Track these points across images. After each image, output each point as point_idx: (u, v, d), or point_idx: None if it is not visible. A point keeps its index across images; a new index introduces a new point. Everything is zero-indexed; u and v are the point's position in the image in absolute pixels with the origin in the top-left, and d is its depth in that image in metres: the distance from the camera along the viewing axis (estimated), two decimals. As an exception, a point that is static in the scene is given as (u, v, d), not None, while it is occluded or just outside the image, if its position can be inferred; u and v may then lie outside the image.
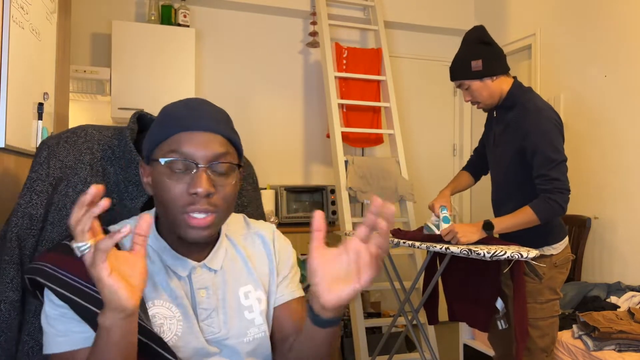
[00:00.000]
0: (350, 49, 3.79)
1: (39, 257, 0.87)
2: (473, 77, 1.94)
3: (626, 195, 2.91)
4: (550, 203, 1.79)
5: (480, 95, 1.97)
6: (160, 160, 0.85)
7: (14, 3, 1.54)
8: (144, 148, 0.92)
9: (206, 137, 0.86)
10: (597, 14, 3.13)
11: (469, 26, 4.23)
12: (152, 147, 0.89)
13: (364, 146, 3.95)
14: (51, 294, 0.82)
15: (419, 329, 2.54)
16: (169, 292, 0.90)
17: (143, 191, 1.02)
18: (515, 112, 1.93)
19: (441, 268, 2.14)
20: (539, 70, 3.56)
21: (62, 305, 0.82)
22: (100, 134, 1.10)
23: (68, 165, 1.04)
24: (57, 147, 1.05)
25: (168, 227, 0.90)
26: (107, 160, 1.08)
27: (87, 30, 3.49)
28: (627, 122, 2.92)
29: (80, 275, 0.82)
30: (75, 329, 0.82)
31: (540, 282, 1.91)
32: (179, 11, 3.49)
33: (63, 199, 1.02)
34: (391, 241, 2.20)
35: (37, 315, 0.94)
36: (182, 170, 0.85)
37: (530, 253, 1.73)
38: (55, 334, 0.82)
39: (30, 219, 0.99)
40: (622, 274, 2.89)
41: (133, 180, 1.04)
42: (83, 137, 1.08)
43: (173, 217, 0.85)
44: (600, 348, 2.15)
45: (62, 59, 2.17)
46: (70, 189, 1.02)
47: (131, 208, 1.03)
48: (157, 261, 0.91)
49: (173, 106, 0.91)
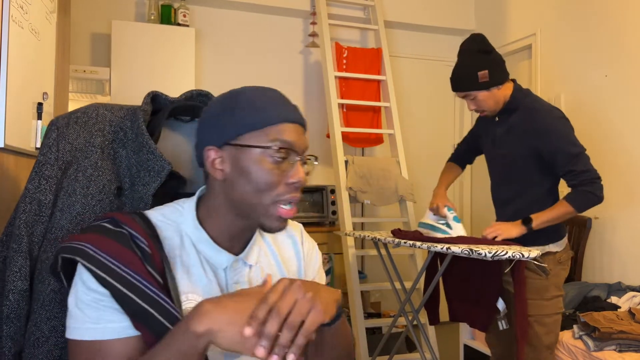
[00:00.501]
0: (350, 48, 3.79)
1: (76, 237, 0.81)
2: (480, 88, 1.94)
3: (626, 195, 2.91)
4: (586, 195, 1.86)
5: (486, 104, 1.98)
6: (271, 147, 0.83)
7: (13, 3, 1.54)
8: (216, 131, 0.86)
9: (301, 129, 0.89)
10: (597, 14, 3.13)
11: (469, 26, 4.28)
12: (242, 132, 0.84)
13: (364, 146, 3.94)
14: (87, 277, 0.77)
15: (419, 329, 2.54)
16: (204, 286, 0.86)
17: (155, 177, 0.97)
18: (519, 115, 1.96)
19: (442, 268, 2.14)
20: (539, 70, 3.56)
21: (97, 291, 0.77)
22: (112, 114, 1.04)
23: (78, 148, 0.99)
24: (67, 128, 1.00)
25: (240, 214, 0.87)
26: (119, 142, 1.02)
27: (86, 30, 3.48)
28: (627, 122, 2.92)
29: (123, 261, 0.78)
30: (109, 318, 0.77)
31: (547, 279, 1.93)
32: (178, 11, 3.49)
33: (73, 183, 0.96)
34: (392, 241, 2.20)
35: (44, 305, 0.91)
36: (281, 159, 0.84)
37: (532, 253, 1.73)
38: (84, 320, 0.77)
39: (39, 204, 0.95)
40: (623, 274, 2.89)
41: (145, 165, 0.98)
42: (94, 117, 1.02)
43: (261, 206, 0.84)
44: (600, 348, 2.14)
45: (62, 58, 2.17)
46: (80, 173, 0.97)
47: (143, 195, 0.98)
48: (193, 252, 0.87)
49: (263, 93, 0.88)
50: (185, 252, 0.87)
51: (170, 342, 0.72)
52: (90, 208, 0.95)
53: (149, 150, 0.98)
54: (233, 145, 0.84)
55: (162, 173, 0.96)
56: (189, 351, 0.70)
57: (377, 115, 3.81)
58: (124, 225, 0.83)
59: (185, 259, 0.86)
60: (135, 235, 0.83)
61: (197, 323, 0.69)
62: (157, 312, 0.77)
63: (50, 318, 0.92)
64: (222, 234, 0.89)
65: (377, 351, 2.68)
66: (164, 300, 0.78)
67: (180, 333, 0.71)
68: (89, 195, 0.96)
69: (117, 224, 0.84)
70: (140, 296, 0.77)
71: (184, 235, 0.88)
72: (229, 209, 0.88)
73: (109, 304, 0.77)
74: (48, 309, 0.92)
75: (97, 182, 0.97)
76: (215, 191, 0.88)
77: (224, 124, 0.85)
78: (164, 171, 0.96)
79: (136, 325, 0.77)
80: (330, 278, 3.44)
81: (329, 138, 3.68)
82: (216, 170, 0.86)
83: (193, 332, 0.69)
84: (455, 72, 2.01)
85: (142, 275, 0.78)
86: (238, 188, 0.85)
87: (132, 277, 0.77)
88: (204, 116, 0.90)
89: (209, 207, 0.89)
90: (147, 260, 0.81)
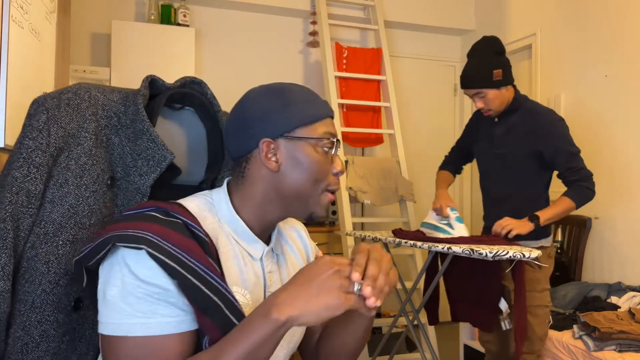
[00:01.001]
0: (350, 48, 3.79)
1: (128, 225, 0.76)
2: (493, 86, 2.02)
3: (626, 195, 2.91)
4: (585, 190, 1.99)
5: (494, 103, 2.06)
6: (326, 138, 0.88)
7: (13, 3, 1.54)
8: (270, 124, 0.86)
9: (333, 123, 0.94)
10: (597, 14, 3.13)
11: (469, 26, 4.28)
12: (297, 125, 0.87)
13: (364, 146, 3.94)
14: (141, 268, 0.73)
15: (419, 329, 2.54)
16: (243, 277, 0.85)
17: (155, 167, 0.91)
18: (519, 116, 2.07)
19: (442, 268, 2.14)
20: (539, 70, 3.56)
21: (153, 282, 0.73)
22: (105, 97, 0.97)
23: (71, 133, 0.90)
24: (58, 110, 0.90)
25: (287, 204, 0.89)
26: (112, 128, 0.94)
27: (86, 30, 3.48)
28: (627, 122, 2.92)
29: (186, 251, 0.75)
30: (164, 312, 0.73)
31: (539, 271, 2.01)
32: (178, 11, 3.49)
33: (64, 172, 0.88)
34: (392, 241, 2.20)
35: (35, 308, 0.84)
36: (329, 150, 0.89)
37: (533, 253, 1.73)
38: (133, 315, 0.72)
39: (27, 195, 0.84)
40: (623, 274, 2.89)
41: (143, 154, 0.92)
42: (87, 100, 0.94)
43: (314, 194, 0.89)
44: (600, 348, 2.14)
45: (62, 58, 2.17)
46: (72, 161, 0.89)
47: (140, 185, 0.93)
48: (230, 243, 0.86)
49: (307, 91, 0.93)
50: (223, 242, 0.85)
51: (249, 330, 0.71)
52: (84, 200, 0.89)
53: (149, 139, 0.92)
54: (287, 138, 0.87)
55: (162, 163, 0.92)
56: (270, 338, 0.71)
57: (377, 115, 3.81)
58: (175, 214, 0.80)
59: (224, 249, 0.85)
60: (190, 224, 0.80)
61: (278, 313, 0.70)
62: (224, 304, 0.75)
63: (42, 321, 0.85)
64: (258, 224, 0.89)
65: (377, 351, 2.68)
66: (228, 292, 0.77)
67: (260, 322, 0.71)
68: (83, 186, 0.89)
69: (167, 212, 0.80)
70: (209, 287, 0.74)
71: (221, 226, 0.87)
72: (273, 199, 0.88)
73: (164, 297, 0.74)
74: (39, 312, 0.84)
75: (91, 172, 0.90)
76: (259, 181, 0.88)
77: (277, 118, 0.87)
78: (165, 161, 0.92)
79: (200, 317, 0.74)
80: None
81: (329, 138, 3.67)
82: (270, 162, 0.87)
83: (276, 320, 0.70)
84: (468, 70, 2.07)
85: (206, 265, 0.76)
86: (292, 178, 0.87)
87: (198, 267, 0.75)
88: (252, 110, 0.89)
89: (246, 197, 0.89)
90: (205, 249, 0.79)
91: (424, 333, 2.41)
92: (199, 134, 1.07)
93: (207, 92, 1.09)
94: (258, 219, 0.89)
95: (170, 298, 0.74)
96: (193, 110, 1.08)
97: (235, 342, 0.71)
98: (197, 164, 1.06)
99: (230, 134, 0.90)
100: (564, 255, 3.09)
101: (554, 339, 2.36)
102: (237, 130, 0.89)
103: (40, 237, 0.85)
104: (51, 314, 0.86)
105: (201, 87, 1.08)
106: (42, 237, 0.86)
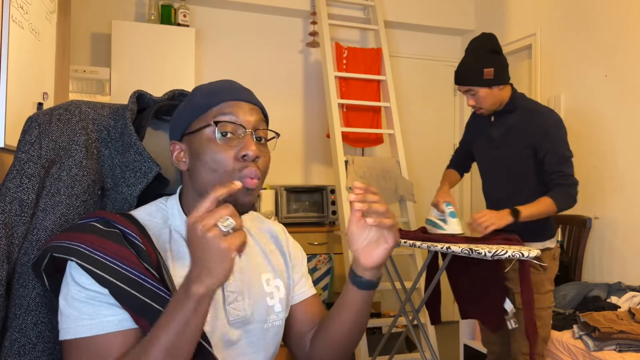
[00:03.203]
0: (350, 48, 3.79)
1: (65, 236, 0.82)
2: (484, 84, 1.99)
3: (626, 195, 2.91)
4: (569, 196, 1.95)
5: (485, 102, 2.03)
6: (211, 123, 0.86)
7: (13, 3, 1.54)
8: (177, 125, 0.92)
9: (250, 106, 0.91)
10: (597, 14, 3.13)
11: (469, 26, 4.28)
12: (191, 119, 0.89)
13: (364, 146, 3.94)
14: (81, 276, 0.78)
15: (419, 329, 2.54)
16: None
17: (141, 178, 0.96)
18: (517, 115, 2.04)
19: (442, 267, 2.14)
20: (539, 70, 3.56)
21: (92, 289, 0.78)
22: (95, 112, 1.02)
23: (62, 146, 0.95)
24: (49, 125, 0.95)
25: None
26: (102, 141, 1.00)
27: (87, 30, 3.49)
28: (627, 122, 2.92)
29: (118, 258, 0.79)
30: (106, 312, 0.78)
31: (544, 273, 2.00)
32: (178, 11, 3.49)
33: (56, 183, 0.93)
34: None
35: (30, 310, 0.88)
36: (229, 135, 0.87)
37: (532, 252, 1.73)
38: (79, 318, 0.78)
39: (20, 204, 0.89)
40: (623, 274, 2.89)
41: (131, 166, 0.97)
42: (77, 115, 0.99)
43: (216, 183, 0.86)
44: (600, 348, 2.14)
45: (62, 58, 2.17)
46: (64, 172, 0.94)
47: (127, 196, 0.97)
48: (183, 245, 0.90)
49: (210, 83, 0.95)
50: (175, 245, 0.90)
51: (174, 310, 0.73)
52: (75, 209, 0.93)
53: (136, 151, 0.96)
54: (188, 135, 0.90)
55: (149, 174, 0.96)
56: (195, 313, 0.72)
57: (377, 115, 3.81)
58: (115, 223, 0.84)
59: (177, 251, 0.89)
60: (128, 232, 0.84)
61: (197, 286, 0.71)
62: (158, 304, 0.78)
63: (37, 323, 0.88)
64: None
65: (377, 351, 2.68)
66: (163, 292, 0.79)
67: (183, 301, 0.72)
68: (74, 196, 0.93)
69: (107, 223, 0.84)
70: (140, 290, 0.78)
71: (172, 230, 0.91)
72: (196, 197, 0.90)
73: (105, 299, 0.78)
74: (34, 314, 0.88)
75: (82, 182, 0.95)
76: (186, 183, 0.93)
77: (180, 118, 0.92)
78: (151, 172, 0.96)
79: (137, 319, 0.78)
80: (330, 278, 3.44)
81: (329, 138, 3.68)
82: (180, 163, 0.91)
83: (196, 293, 0.71)
84: (461, 67, 2.06)
85: (139, 270, 0.79)
86: (198, 174, 0.88)
87: (129, 273, 0.78)
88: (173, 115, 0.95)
89: (188, 201, 0.93)
90: (142, 256, 0.82)
91: (423, 333, 2.41)
92: None
93: None
94: None
95: (110, 300, 0.78)
96: None
97: (165, 325, 0.73)
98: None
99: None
100: (564, 255, 3.09)
101: (554, 339, 2.36)
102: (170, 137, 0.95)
103: (33, 244, 0.89)
104: (46, 316, 0.89)
105: None
106: (35, 243, 0.89)
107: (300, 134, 3.99)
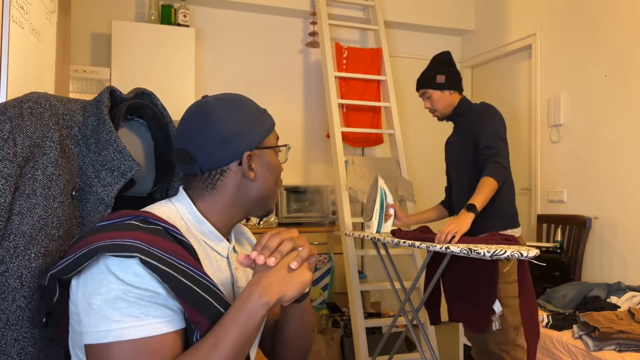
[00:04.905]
0: (350, 48, 3.79)
1: (109, 236, 0.76)
2: (436, 87, 2.29)
3: (626, 195, 2.91)
4: (498, 166, 2.05)
5: (438, 104, 2.31)
6: (283, 146, 1.01)
7: (13, 3, 1.54)
8: (248, 137, 0.91)
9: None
10: (597, 14, 3.13)
11: (469, 26, 4.28)
12: (264, 136, 0.95)
13: (364, 146, 3.95)
14: (128, 274, 0.74)
15: (419, 328, 2.54)
16: (215, 274, 0.89)
17: (118, 178, 0.92)
18: (465, 117, 2.27)
19: (441, 267, 2.14)
20: (539, 70, 3.56)
21: (144, 287, 0.74)
22: (64, 106, 0.95)
23: (36, 143, 0.87)
24: (22, 119, 0.86)
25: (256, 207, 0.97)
26: (72, 138, 0.93)
27: (87, 30, 3.49)
28: (627, 122, 2.92)
29: (172, 253, 0.77)
30: (155, 313, 0.74)
31: (508, 263, 2.06)
32: (178, 11, 3.49)
33: (31, 183, 0.85)
34: (391, 241, 2.20)
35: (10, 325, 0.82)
36: (278, 154, 1.00)
37: (531, 252, 1.73)
38: (123, 320, 0.73)
39: None
40: (623, 274, 2.89)
41: (108, 165, 0.91)
42: (48, 109, 0.91)
43: (274, 194, 0.99)
44: (600, 348, 2.14)
45: (62, 58, 2.17)
46: (38, 171, 0.86)
47: (104, 196, 0.92)
48: (199, 245, 0.89)
49: (253, 102, 1.00)
50: (195, 245, 0.88)
51: (243, 315, 0.77)
52: (53, 211, 0.86)
53: (116, 149, 0.91)
54: (260, 149, 0.95)
55: (128, 174, 0.92)
56: (260, 320, 0.78)
57: (377, 115, 3.81)
58: (154, 221, 0.82)
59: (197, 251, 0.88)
60: (171, 229, 0.82)
61: (269, 296, 0.77)
62: (214, 300, 0.78)
63: (19, 339, 0.82)
64: (222, 227, 0.94)
65: (377, 351, 2.68)
66: (216, 288, 0.80)
67: (249, 307, 0.77)
68: (51, 197, 0.86)
69: (146, 220, 0.81)
70: (200, 286, 0.77)
71: (189, 229, 0.90)
72: (242, 203, 0.94)
73: (154, 299, 0.75)
74: (15, 329, 0.81)
75: (58, 182, 0.88)
76: (232, 190, 0.93)
77: (251, 133, 0.93)
78: (131, 172, 0.93)
79: (195, 316, 0.76)
80: (330, 278, 3.44)
81: (329, 138, 3.68)
82: (251, 172, 0.93)
83: (267, 302, 0.77)
84: (420, 75, 2.37)
85: (194, 265, 0.78)
86: (264, 183, 0.95)
87: (187, 269, 0.77)
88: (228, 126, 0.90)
89: (213, 205, 0.92)
90: (190, 251, 0.82)
91: (423, 333, 2.41)
92: (147, 145, 1.09)
93: (157, 103, 1.09)
94: (224, 222, 0.94)
95: (159, 300, 0.75)
96: (142, 121, 1.09)
97: (230, 327, 0.76)
98: (147, 175, 1.08)
99: (204, 148, 0.89)
100: (564, 255, 3.09)
101: (553, 339, 2.37)
102: (214, 145, 0.89)
103: (11, 252, 0.82)
104: (27, 331, 0.83)
105: (151, 99, 1.09)
106: (13, 251, 0.82)
107: (300, 134, 3.99)
